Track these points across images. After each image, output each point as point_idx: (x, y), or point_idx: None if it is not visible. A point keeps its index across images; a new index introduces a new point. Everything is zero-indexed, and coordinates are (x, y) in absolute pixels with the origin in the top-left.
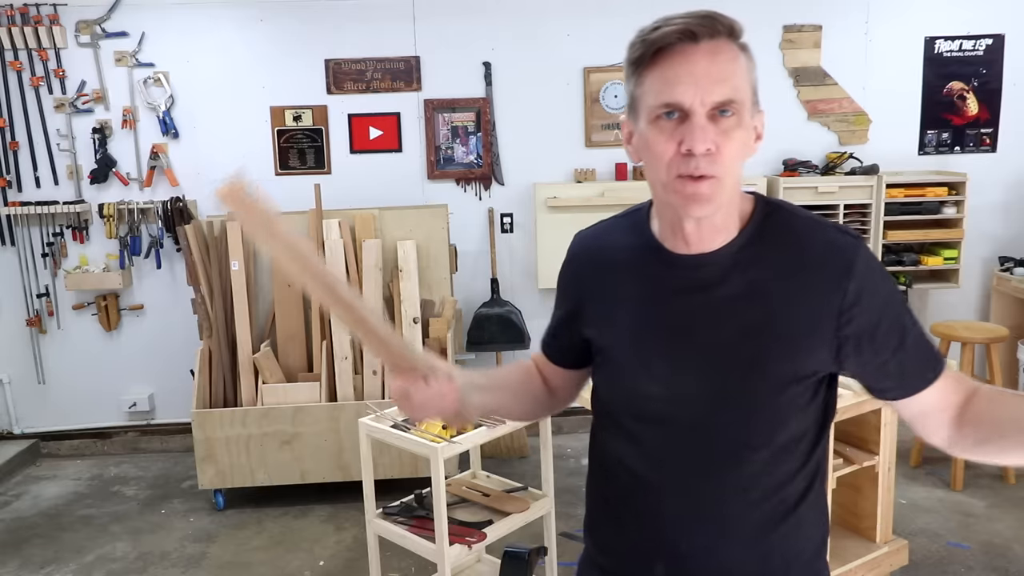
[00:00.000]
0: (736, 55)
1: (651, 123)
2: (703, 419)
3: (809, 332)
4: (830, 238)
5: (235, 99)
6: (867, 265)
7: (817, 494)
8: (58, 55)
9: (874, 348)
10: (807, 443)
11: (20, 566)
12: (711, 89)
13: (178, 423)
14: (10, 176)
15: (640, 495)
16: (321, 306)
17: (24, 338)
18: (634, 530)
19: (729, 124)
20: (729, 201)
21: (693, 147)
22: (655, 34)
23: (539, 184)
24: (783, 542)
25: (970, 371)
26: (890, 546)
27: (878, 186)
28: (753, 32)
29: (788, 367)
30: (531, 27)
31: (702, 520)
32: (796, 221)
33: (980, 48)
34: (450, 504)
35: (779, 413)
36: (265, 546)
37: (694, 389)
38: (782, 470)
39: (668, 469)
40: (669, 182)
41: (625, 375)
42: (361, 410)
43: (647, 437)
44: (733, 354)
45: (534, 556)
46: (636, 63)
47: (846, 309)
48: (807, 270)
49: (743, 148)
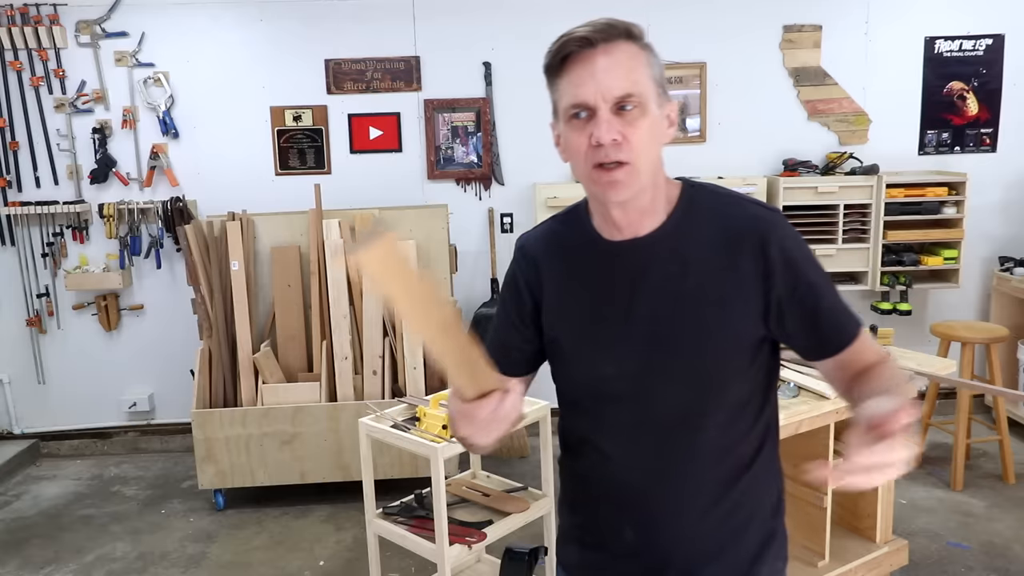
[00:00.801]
0: (634, 53)
1: (567, 123)
2: (654, 392)
3: (739, 298)
4: (752, 212)
5: (235, 99)
6: (784, 233)
7: (769, 454)
8: (58, 55)
9: (793, 311)
10: (754, 406)
11: (20, 566)
12: (610, 86)
13: (178, 423)
14: (10, 176)
15: (606, 468)
16: (412, 326)
17: (24, 338)
18: (604, 502)
19: (633, 115)
20: (653, 185)
21: (600, 138)
22: (558, 44)
23: (539, 184)
24: (741, 499)
25: (970, 371)
26: (890, 546)
27: (878, 186)
28: (753, 32)
29: (726, 333)
30: (532, 27)
31: (664, 485)
32: (720, 199)
33: (980, 48)
34: (450, 504)
35: (723, 378)
36: (265, 546)
37: (643, 365)
38: (733, 432)
39: (629, 442)
40: (588, 173)
41: (580, 360)
42: (361, 410)
43: (606, 415)
44: (675, 326)
45: (534, 556)
46: (548, 71)
47: (769, 275)
48: (733, 241)
49: (653, 135)
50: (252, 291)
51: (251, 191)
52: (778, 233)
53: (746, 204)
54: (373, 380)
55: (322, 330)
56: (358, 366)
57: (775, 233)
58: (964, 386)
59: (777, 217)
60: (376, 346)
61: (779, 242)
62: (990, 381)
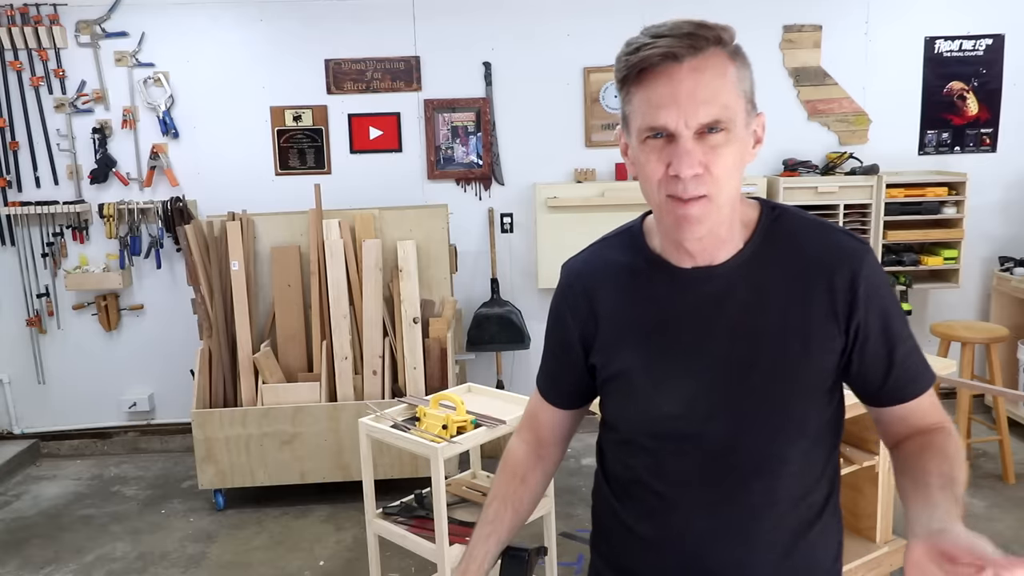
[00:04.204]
0: (724, 67)
1: (640, 143)
2: (728, 435)
3: (822, 334)
4: (838, 241)
5: (235, 99)
6: (872, 271)
7: (836, 500)
8: (58, 55)
9: (869, 352)
10: (826, 449)
11: (20, 566)
12: (696, 111)
13: (178, 423)
14: (10, 176)
15: (662, 514)
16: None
17: (24, 338)
18: (655, 548)
19: (718, 140)
20: (730, 213)
21: (680, 172)
22: (636, 57)
23: (539, 184)
24: (809, 551)
25: (970, 371)
26: (890, 546)
27: (878, 186)
28: (753, 32)
29: (808, 372)
30: (531, 27)
31: (731, 536)
32: (805, 225)
33: (980, 48)
34: (450, 504)
35: (803, 420)
36: (265, 546)
37: (716, 406)
38: (807, 479)
39: (693, 487)
40: (661, 202)
41: (640, 398)
42: (361, 410)
43: (668, 457)
44: (752, 365)
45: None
46: (622, 82)
47: (853, 312)
48: (814, 271)
49: (737, 161)
50: (252, 291)
51: (251, 191)
52: (867, 270)
53: (835, 233)
54: (373, 380)
55: (322, 330)
56: (358, 366)
57: (866, 268)
58: (964, 386)
59: (868, 250)
60: (376, 346)
61: (868, 278)
62: (990, 381)
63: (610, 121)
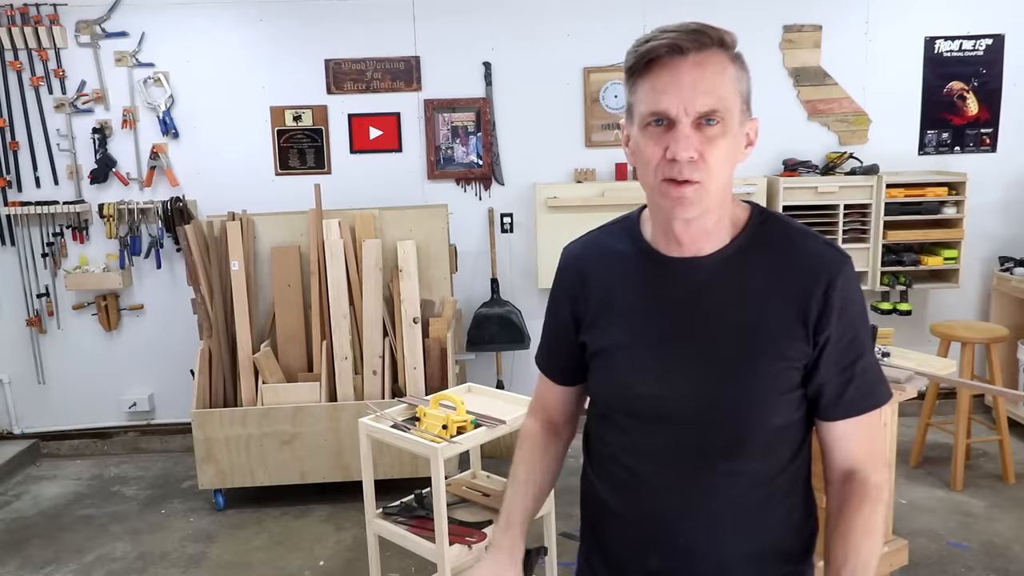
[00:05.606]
0: (724, 66)
1: (642, 130)
2: (698, 416)
3: (793, 335)
4: (819, 250)
5: (235, 99)
6: (848, 282)
7: (805, 491)
8: (58, 55)
9: (832, 359)
10: (795, 441)
11: (20, 566)
12: (696, 99)
13: (178, 423)
14: (10, 176)
15: (635, 490)
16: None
17: (24, 338)
18: (630, 524)
19: (714, 132)
20: (719, 206)
21: (677, 154)
22: (645, 47)
23: (539, 184)
24: (775, 534)
25: (970, 371)
26: (890, 546)
27: (878, 186)
28: (753, 32)
29: (778, 366)
30: (531, 27)
31: (698, 514)
32: (788, 230)
33: (980, 48)
34: (450, 504)
35: (770, 410)
36: (265, 546)
37: (688, 388)
38: (772, 465)
39: (663, 465)
40: (656, 185)
41: (617, 375)
42: (361, 410)
43: (641, 434)
44: (726, 354)
45: (534, 556)
46: (630, 72)
47: (824, 317)
48: (795, 275)
49: (729, 155)
50: (252, 291)
51: (251, 191)
52: (844, 280)
53: (817, 242)
54: (373, 380)
55: (322, 330)
56: (358, 366)
57: (841, 279)
58: (964, 386)
59: (846, 261)
60: (376, 346)
61: (843, 289)
62: (990, 381)
63: (610, 121)
